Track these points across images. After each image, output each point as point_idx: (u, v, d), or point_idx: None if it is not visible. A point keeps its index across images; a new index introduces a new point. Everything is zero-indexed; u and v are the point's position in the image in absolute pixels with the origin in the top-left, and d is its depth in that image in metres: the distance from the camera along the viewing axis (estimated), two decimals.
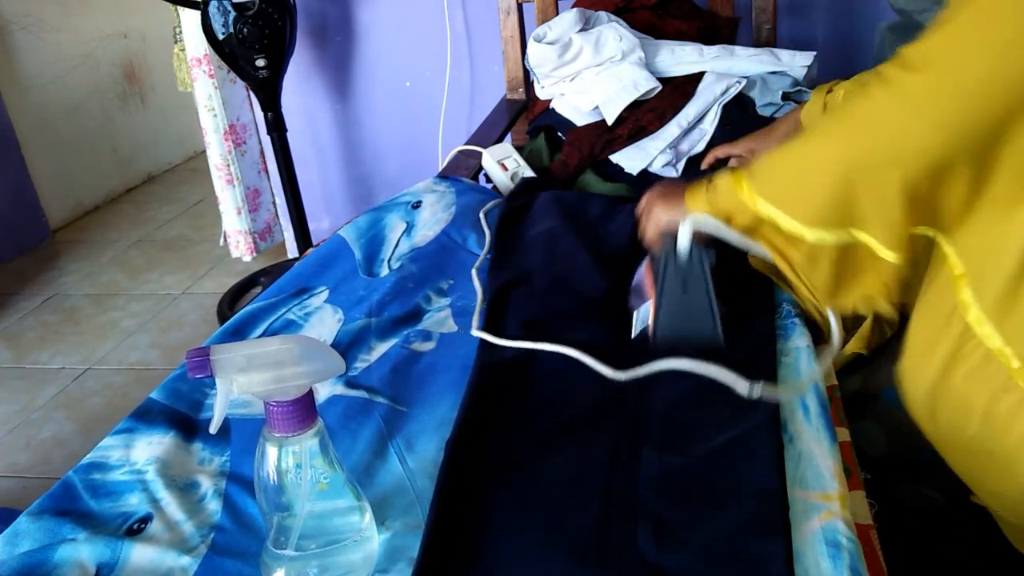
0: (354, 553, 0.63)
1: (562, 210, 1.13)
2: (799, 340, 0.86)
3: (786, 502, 0.66)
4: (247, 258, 2.47)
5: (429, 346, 0.92)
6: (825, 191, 0.72)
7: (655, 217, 0.86)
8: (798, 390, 0.77)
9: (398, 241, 1.14)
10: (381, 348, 0.92)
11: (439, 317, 0.97)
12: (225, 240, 2.48)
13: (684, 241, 0.81)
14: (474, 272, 1.04)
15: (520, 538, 0.65)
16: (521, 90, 1.75)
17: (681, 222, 0.81)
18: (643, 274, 0.89)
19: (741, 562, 0.61)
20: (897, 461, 0.93)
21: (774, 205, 0.76)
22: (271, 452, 0.59)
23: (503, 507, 0.68)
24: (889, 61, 0.69)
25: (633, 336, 0.86)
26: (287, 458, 0.59)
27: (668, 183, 0.91)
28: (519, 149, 1.41)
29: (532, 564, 0.63)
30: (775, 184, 0.77)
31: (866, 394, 0.99)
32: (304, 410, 0.59)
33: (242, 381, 0.57)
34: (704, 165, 1.25)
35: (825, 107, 1.03)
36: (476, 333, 0.91)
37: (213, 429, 0.60)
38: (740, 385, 0.75)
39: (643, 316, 0.87)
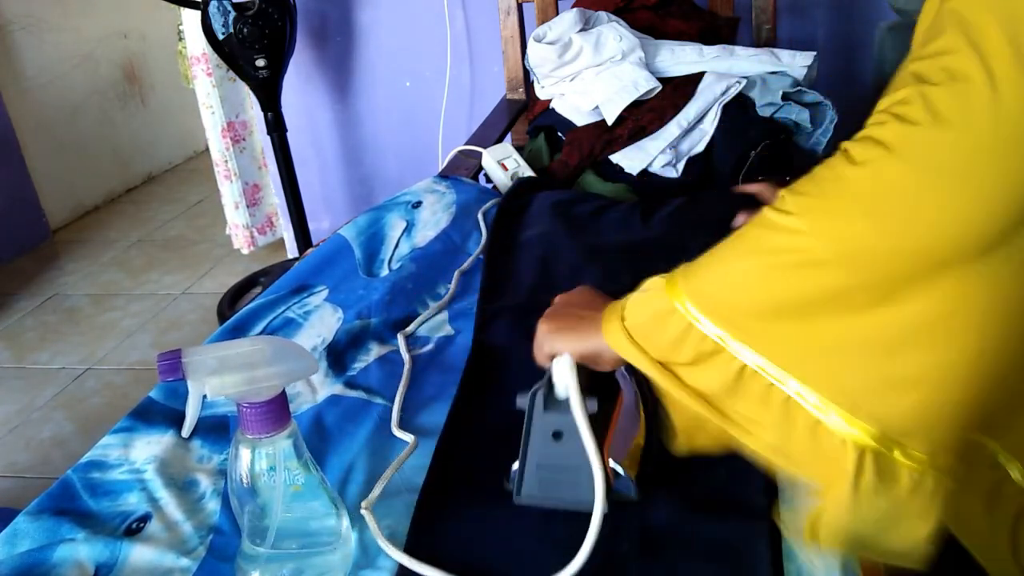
0: (331, 554, 0.63)
1: (558, 211, 1.13)
2: None
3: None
4: (245, 251, 2.49)
5: (427, 349, 0.92)
6: (793, 303, 0.51)
7: (538, 345, 0.67)
8: None
9: (398, 241, 1.14)
10: (379, 350, 0.92)
11: (436, 321, 0.97)
12: (228, 231, 2.51)
13: (561, 381, 0.63)
14: (456, 273, 1.05)
15: (505, 540, 0.65)
16: (521, 90, 1.75)
17: (558, 359, 0.63)
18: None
19: (728, 562, 0.61)
20: None
21: (713, 319, 0.54)
22: (244, 454, 0.60)
23: (489, 509, 0.68)
24: (876, 126, 0.48)
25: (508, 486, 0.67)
26: (260, 460, 0.60)
27: (578, 297, 0.70)
28: (519, 149, 1.41)
29: (517, 566, 0.63)
30: (720, 289, 0.55)
31: None
32: (277, 411, 0.59)
33: (214, 383, 0.57)
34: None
35: None
36: (399, 336, 0.92)
37: (185, 432, 0.60)
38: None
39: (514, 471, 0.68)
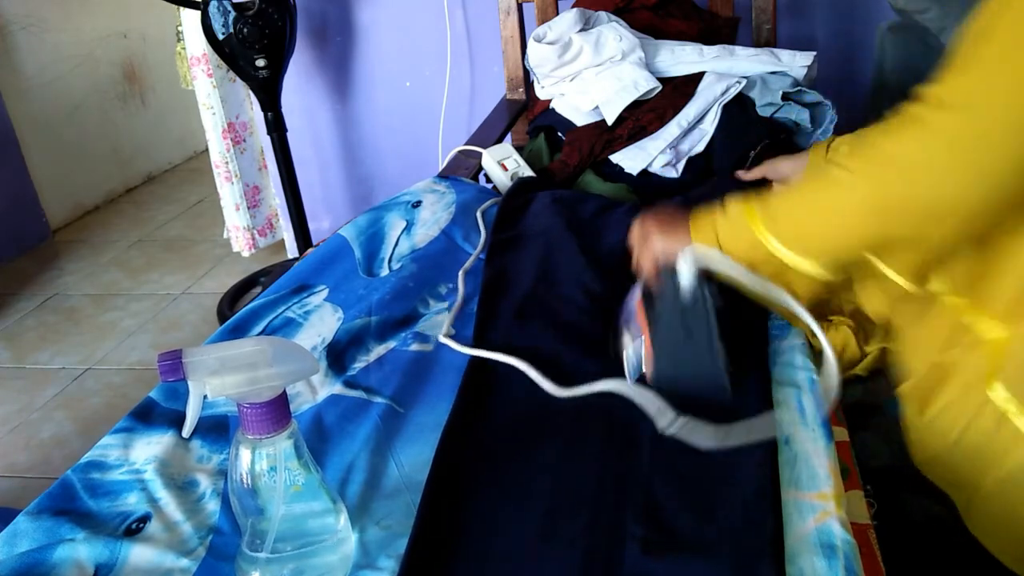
0: (330, 555, 0.63)
1: (559, 210, 1.13)
2: (794, 339, 0.85)
3: (778, 509, 0.65)
4: (246, 253, 2.48)
5: (427, 348, 0.92)
6: (851, 242, 0.67)
7: (651, 248, 0.76)
8: (725, 436, 0.69)
9: (398, 240, 1.14)
10: (380, 349, 0.92)
11: (436, 320, 0.97)
12: (227, 234, 2.50)
13: (687, 277, 0.72)
14: (460, 274, 1.05)
15: (507, 540, 0.65)
16: (521, 90, 1.75)
17: (682, 254, 0.72)
18: (635, 307, 0.79)
19: (729, 564, 0.61)
20: (900, 473, 0.93)
21: (792, 250, 0.68)
22: (245, 454, 0.60)
23: (491, 509, 0.68)
24: (915, 101, 0.61)
25: (629, 381, 0.76)
26: (261, 460, 0.60)
27: (664, 208, 0.81)
28: (519, 149, 1.41)
29: (518, 566, 0.63)
30: (794, 228, 0.69)
31: (867, 404, 0.98)
32: (278, 411, 0.59)
33: (215, 383, 0.57)
34: (747, 177, 1.15)
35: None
36: (443, 339, 0.91)
37: (186, 433, 0.60)
38: (665, 418, 0.69)
39: (635, 357, 0.77)
